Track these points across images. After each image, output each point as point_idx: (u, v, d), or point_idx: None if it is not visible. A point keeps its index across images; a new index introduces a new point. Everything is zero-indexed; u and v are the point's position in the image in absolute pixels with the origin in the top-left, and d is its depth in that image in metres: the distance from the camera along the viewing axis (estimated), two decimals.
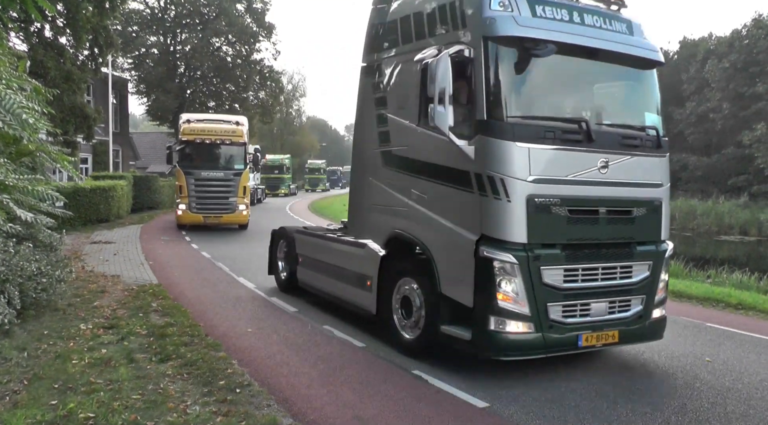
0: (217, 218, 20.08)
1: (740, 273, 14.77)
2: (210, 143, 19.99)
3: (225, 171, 20.16)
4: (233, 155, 20.60)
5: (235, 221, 20.67)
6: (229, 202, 20.02)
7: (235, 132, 20.40)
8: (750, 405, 5.76)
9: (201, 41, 40.76)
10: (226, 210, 20.05)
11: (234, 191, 20.01)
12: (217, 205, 19.83)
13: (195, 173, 19.60)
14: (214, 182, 19.79)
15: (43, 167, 10.69)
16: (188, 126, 20.06)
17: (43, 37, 18.55)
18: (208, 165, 19.94)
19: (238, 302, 9.68)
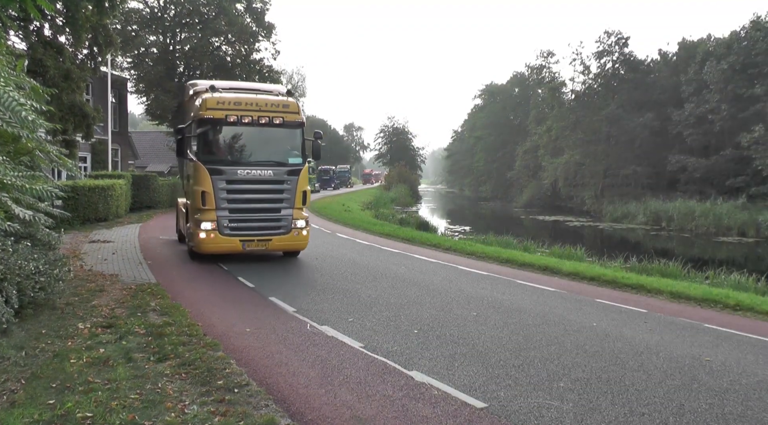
0: (264, 244, 13.38)
1: (738, 274, 14.78)
2: (251, 123, 13.19)
3: (276, 168, 13.50)
4: (287, 141, 13.89)
5: (291, 247, 13.96)
6: (282, 217, 13.52)
7: (288, 106, 13.60)
8: (748, 405, 5.77)
9: (200, 41, 40.71)
10: (277, 230, 13.45)
11: (289, 199, 13.56)
12: (263, 222, 13.44)
13: (228, 171, 13.03)
14: (259, 186, 13.40)
15: (42, 166, 10.67)
16: (214, 97, 13.16)
17: (42, 35, 18.50)
18: (248, 159, 13.45)
19: (237, 302, 9.68)
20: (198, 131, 13.09)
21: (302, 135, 13.85)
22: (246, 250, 13.33)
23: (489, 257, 16.44)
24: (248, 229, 13.27)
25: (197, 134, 13.14)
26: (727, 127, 45.16)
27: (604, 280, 13.00)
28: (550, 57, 71.38)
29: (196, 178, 13.17)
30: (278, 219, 13.52)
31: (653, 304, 10.80)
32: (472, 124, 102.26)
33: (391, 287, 11.21)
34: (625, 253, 19.19)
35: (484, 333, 8.15)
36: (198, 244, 13.09)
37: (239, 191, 13.20)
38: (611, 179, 55.35)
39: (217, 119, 12.99)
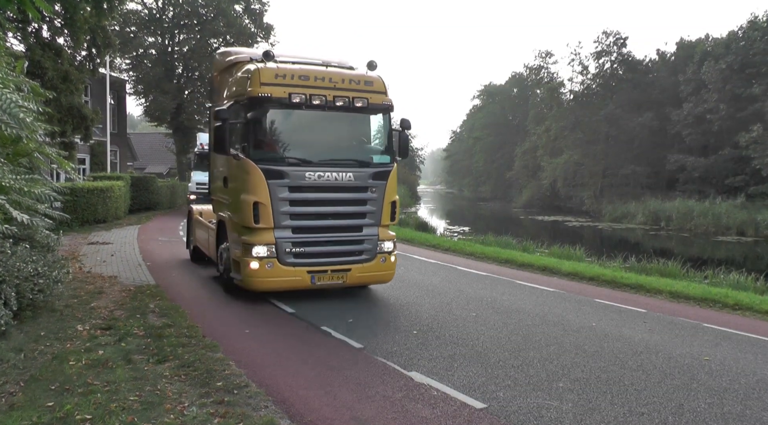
0: (341, 276, 9.70)
1: (737, 274, 14.79)
2: (324, 106, 9.46)
3: (357, 170, 9.78)
4: (371, 132, 10.58)
5: (375, 279, 10.26)
6: (364, 237, 9.92)
7: (372, 83, 9.94)
8: (747, 405, 5.77)
9: (199, 42, 40.73)
10: (358, 256, 9.86)
11: (374, 212, 9.96)
12: (340, 245, 9.78)
13: (292, 174, 9.33)
14: (334, 195, 9.68)
15: (40, 168, 10.68)
16: (270, 68, 9.41)
17: (40, 37, 18.51)
18: (319, 156, 9.67)
19: (236, 303, 9.67)
20: (249, 116, 9.34)
21: (390, 123, 10.23)
22: (316, 285, 9.52)
23: (488, 257, 16.44)
24: (319, 255, 9.58)
25: (247, 120, 9.37)
26: (726, 126, 45.20)
27: (604, 280, 13.00)
28: (549, 57, 71.41)
29: (245, 183, 9.36)
30: (359, 241, 9.85)
31: (652, 304, 10.81)
32: (470, 124, 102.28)
33: (390, 288, 11.20)
34: (625, 253, 19.21)
35: (484, 333, 8.15)
36: (248, 278, 9.33)
37: (307, 201, 9.51)
38: (610, 178, 55.38)
39: (276, 100, 9.17)
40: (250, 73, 9.48)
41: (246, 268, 9.34)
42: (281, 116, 9.57)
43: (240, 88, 9.82)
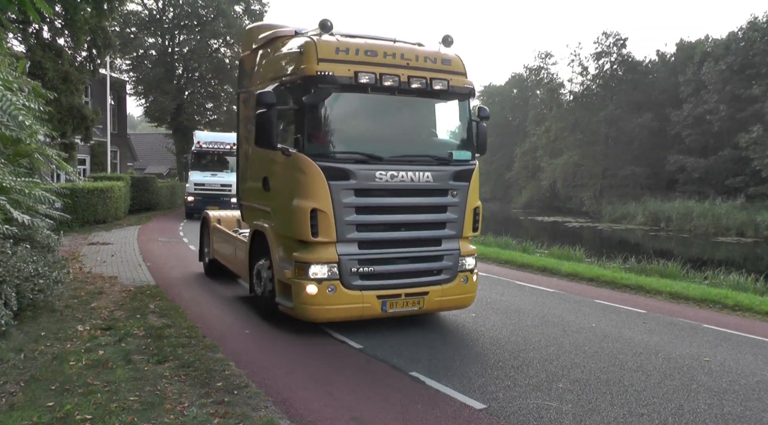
0: (417, 301, 7.88)
1: (737, 275, 14.78)
2: (397, 88, 7.71)
3: (436, 168, 8.02)
4: (448, 122, 8.74)
5: (455, 303, 8.41)
6: (444, 252, 8.14)
7: (450, 62, 8.25)
8: (747, 406, 5.78)
9: (199, 43, 40.76)
10: (437, 276, 8.07)
11: (455, 221, 8.19)
12: (415, 262, 8.01)
13: (359, 174, 7.51)
14: (409, 201, 7.90)
15: (41, 169, 10.68)
16: (330, 43, 7.60)
17: (41, 38, 18.53)
18: (390, 152, 7.82)
19: (236, 303, 9.68)
20: (303, 101, 7.38)
21: (470, 111, 8.38)
22: (387, 313, 7.63)
23: (488, 258, 16.44)
24: (392, 275, 7.71)
25: (301, 106, 7.40)
26: (726, 127, 45.22)
27: (603, 281, 13.00)
28: (548, 58, 71.43)
29: (299, 185, 7.43)
30: (439, 257, 8.00)
31: (652, 304, 10.81)
32: None
33: None
34: (624, 253, 19.20)
35: (483, 333, 8.16)
36: (303, 306, 7.41)
37: (378, 208, 7.64)
38: (610, 179, 55.38)
39: (339, 80, 7.28)
40: (303, 47, 7.56)
41: (301, 294, 7.32)
42: (344, 101, 7.59)
43: (289, 67, 7.93)
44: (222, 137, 28.05)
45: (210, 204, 24.75)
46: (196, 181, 25.88)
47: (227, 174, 25.62)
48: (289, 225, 7.62)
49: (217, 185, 25.61)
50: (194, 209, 24.97)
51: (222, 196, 24.98)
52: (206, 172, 26.15)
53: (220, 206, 25.67)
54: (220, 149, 26.94)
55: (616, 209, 48.02)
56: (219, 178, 25.84)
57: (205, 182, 25.68)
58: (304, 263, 7.35)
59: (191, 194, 25.92)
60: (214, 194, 25.22)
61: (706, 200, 42.41)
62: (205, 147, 26.90)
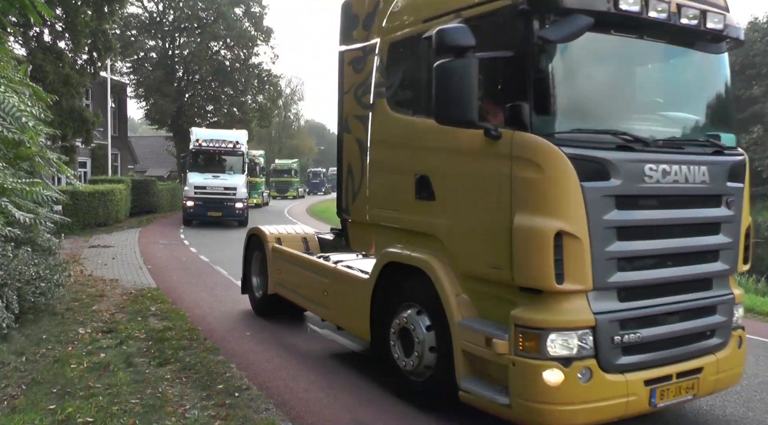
0: (691, 386, 4.74)
1: (738, 275, 14.77)
2: (665, 23, 4.50)
3: (709, 160, 4.84)
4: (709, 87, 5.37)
5: (727, 382, 5.22)
6: (717, 300, 5.06)
7: None
8: (749, 407, 5.77)
9: (199, 45, 40.81)
10: (709, 339, 4.96)
11: (731, 246, 5.08)
12: (685, 320, 4.79)
13: (621, 166, 4.28)
14: (684, 211, 4.73)
15: (41, 172, 10.68)
16: None
17: (42, 41, 18.56)
18: (659, 128, 4.92)
19: (237, 306, 9.67)
20: (540, 40, 4.29)
21: (728, 70, 5.40)
22: (657, 407, 4.61)
23: None
24: (662, 344, 4.67)
25: (525, 50, 4.34)
26: None
27: None
28: None
29: (526, 189, 4.33)
30: (710, 308, 5.04)
31: None
32: None
33: None
34: None
35: None
36: (536, 403, 4.24)
37: (648, 229, 4.61)
38: None
39: (593, 3, 4.24)
40: None
41: (534, 384, 4.23)
42: (591, 46, 4.49)
43: None
44: (223, 134, 26.11)
45: (212, 209, 23.17)
46: (197, 184, 23.50)
47: (230, 176, 24.28)
48: (497, 259, 4.50)
49: (219, 188, 23.58)
50: (194, 215, 23.38)
51: (225, 200, 23.38)
52: (206, 173, 24.09)
53: (223, 213, 23.43)
54: (221, 147, 24.87)
55: None
56: (222, 180, 23.87)
57: (207, 185, 23.54)
58: (539, 330, 4.23)
59: (191, 199, 23.42)
60: (216, 199, 23.40)
61: None
62: (205, 146, 24.67)
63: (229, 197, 23.49)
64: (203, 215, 23.32)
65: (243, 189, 24.17)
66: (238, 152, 25.22)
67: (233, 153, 25.08)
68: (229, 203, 23.25)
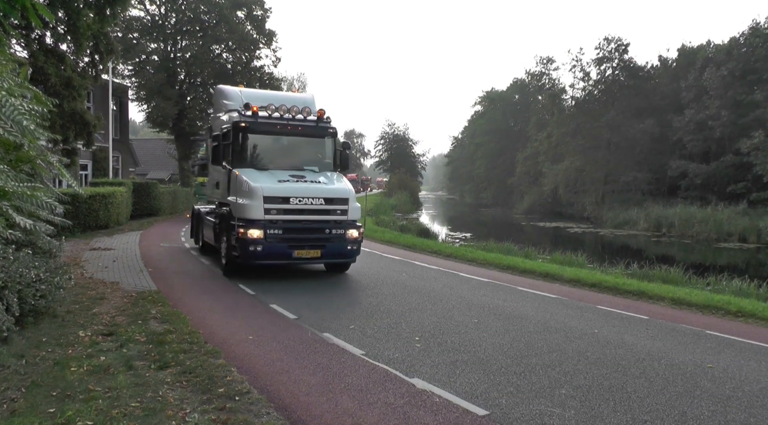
0: None
1: (740, 280, 14.76)
2: None
3: None
4: None
5: None
6: None
7: None
8: (751, 413, 5.75)
9: (201, 48, 40.85)
10: None
11: None
12: None
13: None
14: None
15: (42, 175, 10.68)
16: None
17: (43, 43, 18.55)
18: None
19: (238, 309, 9.66)
20: None
21: None
22: None
23: (490, 263, 16.42)
24: None
25: None
26: (728, 133, 45.24)
27: (606, 286, 12.98)
28: (550, 64, 71.64)
29: None
30: None
31: (655, 311, 10.78)
32: (472, 130, 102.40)
33: (392, 295, 11.19)
34: (627, 259, 19.18)
35: (486, 340, 8.14)
36: None
37: None
38: (612, 185, 55.38)
39: None
40: None
41: None
42: None
43: None
44: (290, 97, 15.64)
45: (302, 244, 12.26)
46: (269, 191, 12.03)
47: (323, 176, 13.22)
48: None
49: (316, 201, 12.34)
50: (260, 256, 12.01)
51: (327, 226, 12.52)
52: (276, 172, 12.81)
53: (323, 251, 12.45)
54: (294, 121, 13.41)
55: (618, 214, 47.98)
56: (315, 186, 12.62)
57: (293, 195, 12.18)
58: None
59: (254, 224, 11.96)
60: (312, 224, 12.41)
61: (708, 205, 42.38)
62: (264, 117, 13.20)
63: (336, 218, 12.64)
64: (282, 254, 12.16)
65: (355, 203, 13.03)
66: (324, 129, 13.80)
67: (316, 132, 13.70)
68: (336, 229, 12.56)
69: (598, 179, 56.64)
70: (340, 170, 14.05)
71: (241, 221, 12.11)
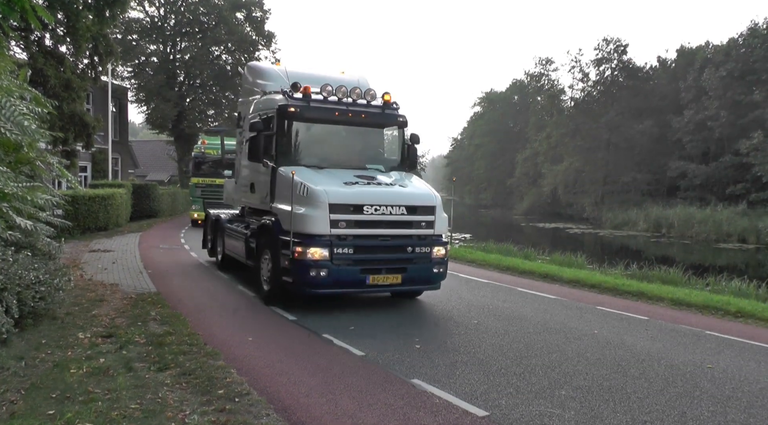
0: None
1: (739, 281, 14.76)
2: None
3: None
4: None
5: None
6: None
7: None
8: (750, 413, 5.75)
9: (200, 50, 40.88)
10: None
11: None
12: None
13: None
14: None
15: (42, 176, 10.69)
16: None
17: (43, 45, 18.57)
18: None
19: (237, 311, 9.66)
20: None
21: None
22: None
23: (489, 264, 16.43)
24: None
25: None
26: (727, 133, 45.28)
27: (605, 287, 12.98)
28: (549, 64, 71.63)
29: None
30: None
31: (654, 311, 10.79)
32: (471, 131, 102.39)
33: (392, 296, 11.18)
34: (626, 260, 19.18)
35: (485, 340, 8.14)
36: None
37: None
38: (611, 185, 55.41)
39: None
40: None
41: None
42: None
43: None
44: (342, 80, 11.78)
45: (379, 267, 9.49)
46: (337, 197, 9.30)
47: (399, 178, 10.53)
48: None
49: (398, 207, 9.66)
50: (328, 284, 9.30)
51: (410, 242, 9.81)
52: (326, 172, 10.05)
53: (404, 276, 9.62)
54: (355, 107, 10.64)
55: (618, 215, 48.01)
56: (393, 190, 9.95)
57: (365, 202, 9.45)
58: None
59: (322, 240, 9.21)
60: (393, 239, 9.76)
61: (708, 206, 42.42)
62: (318, 99, 10.44)
63: (420, 231, 9.91)
64: (354, 281, 9.50)
65: (443, 213, 10.36)
66: (393, 117, 10.99)
67: (382, 121, 11.00)
68: (420, 247, 9.84)
69: (598, 179, 56.68)
70: (408, 169, 11.32)
71: (298, 237, 9.13)
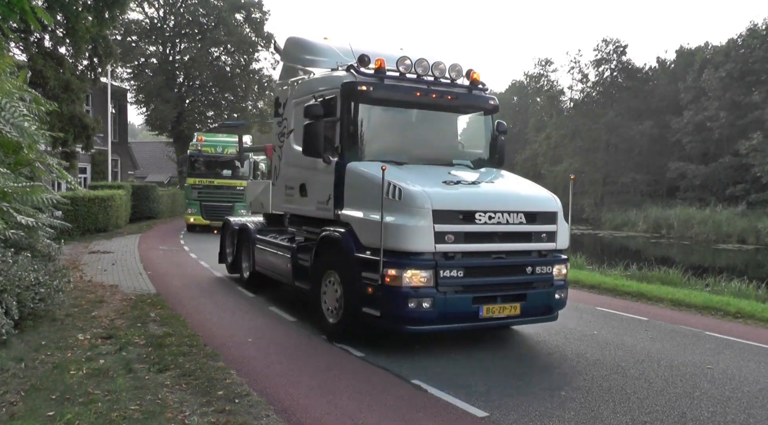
0: None
1: (739, 281, 14.77)
2: None
3: None
4: None
5: None
6: None
7: None
8: (750, 414, 5.75)
9: (200, 51, 40.93)
10: None
11: None
12: None
13: None
14: None
15: (42, 177, 10.69)
16: None
17: (42, 47, 18.59)
18: None
19: (237, 312, 9.66)
20: None
21: None
22: None
23: None
24: None
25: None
26: (726, 134, 45.31)
27: (605, 288, 12.98)
28: (548, 65, 71.65)
29: None
30: None
31: (654, 312, 10.79)
32: None
33: None
34: (626, 261, 19.17)
35: (485, 341, 8.13)
36: None
37: None
38: (611, 186, 55.43)
39: None
40: None
41: None
42: None
43: None
44: None
45: (496, 298, 7.22)
46: (441, 201, 6.88)
47: (498, 177, 8.61)
48: None
49: (516, 214, 7.38)
50: (432, 319, 6.93)
51: (526, 263, 7.52)
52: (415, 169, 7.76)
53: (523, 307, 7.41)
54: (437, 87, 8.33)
55: (617, 216, 48.01)
56: (507, 192, 8.09)
57: (477, 207, 7.11)
58: None
59: (423, 260, 6.82)
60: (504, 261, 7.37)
61: (707, 207, 42.43)
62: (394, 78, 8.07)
63: (541, 245, 7.79)
64: (464, 314, 7.11)
65: (564, 223, 8.37)
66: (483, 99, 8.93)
67: (470, 103, 8.88)
68: (540, 266, 7.65)
69: (597, 180, 56.69)
70: (498, 165, 9.08)
71: (388, 256, 6.82)
